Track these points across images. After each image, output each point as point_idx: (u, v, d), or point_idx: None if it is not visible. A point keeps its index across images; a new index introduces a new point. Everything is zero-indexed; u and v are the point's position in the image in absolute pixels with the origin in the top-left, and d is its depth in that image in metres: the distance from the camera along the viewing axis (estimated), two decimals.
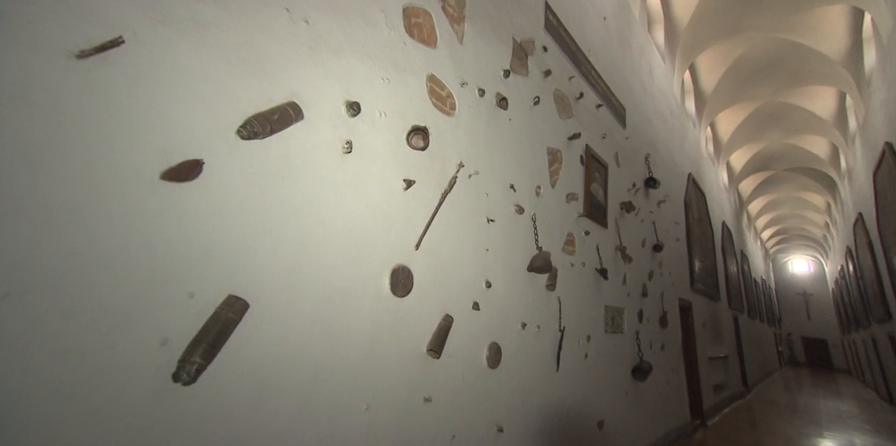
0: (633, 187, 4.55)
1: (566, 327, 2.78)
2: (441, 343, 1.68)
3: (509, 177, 2.47)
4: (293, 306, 1.24)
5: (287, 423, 1.18)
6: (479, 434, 1.85)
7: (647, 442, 3.76)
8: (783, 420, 6.39)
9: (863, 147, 7.17)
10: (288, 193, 1.29)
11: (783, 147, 10.94)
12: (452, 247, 1.93)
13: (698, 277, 6.33)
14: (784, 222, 17.86)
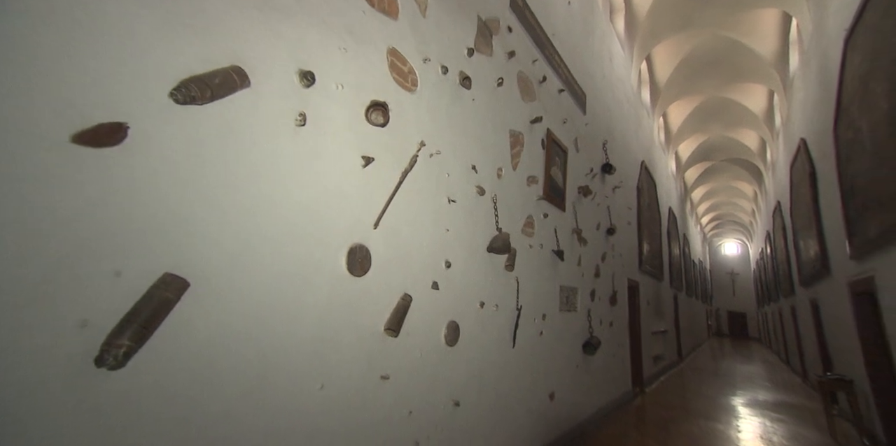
0: (591, 172, 4.71)
1: (523, 306, 2.88)
2: (399, 322, 1.68)
3: (471, 158, 2.47)
4: (241, 285, 1.18)
5: (235, 404, 1.13)
6: (436, 409, 1.90)
7: (593, 410, 4.06)
8: (707, 383, 7.22)
9: (784, 142, 7.89)
10: (235, 166, 1.20)
11: (723, 139, 11.78)
12: (412, 227, 1.91)
13: (646, 259, 6.78)
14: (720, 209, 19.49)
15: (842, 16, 3.95)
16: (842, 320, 4.76)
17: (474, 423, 2.18)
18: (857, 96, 3.59)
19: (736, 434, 4.23)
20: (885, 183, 3.06)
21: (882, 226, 3.13)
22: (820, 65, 4.90)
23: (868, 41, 3.31)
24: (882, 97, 3.06)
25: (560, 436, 3.24)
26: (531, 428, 2.83)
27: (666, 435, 3.98)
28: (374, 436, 1.55)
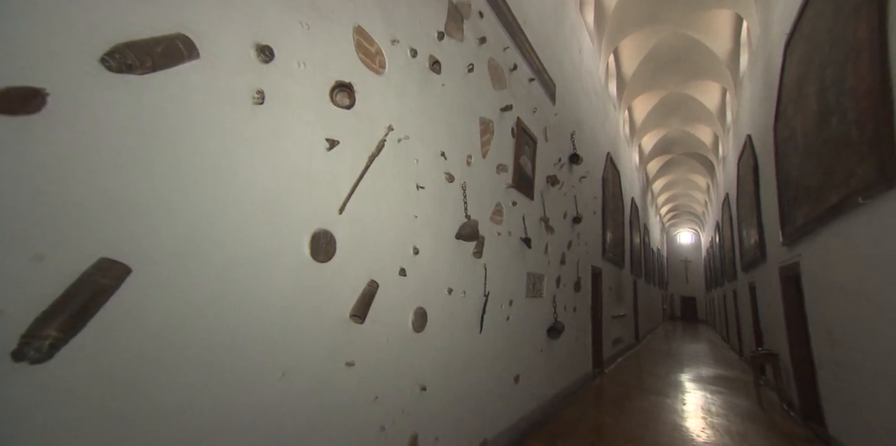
0: (559, 162, 4.82)
1: (490, 292, 2.94)
2: (365, 308, 1.66)
3: (440, 145, 2.44)
4: (194, 271, 1.11)
5: (187, 396, 1.08)
6: (403, 393, 1.92)
7: (555, 392, 4.26)
8: (659, 362, 7.77)
9: (733, 137, 8.40)
10: (183, 144, 1.12)
11: (681, 133, 12.38)
12: (380, 213, 1.88)
13: (609, 247, 7.09)
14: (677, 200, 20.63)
15: (784, 21, 4.20)
16: (772, 301, 5.23)
17: (440, 407, 2.23)
18: (793, 97, 3.86)
19: (681, 406, 4.59)
20: (812, 177, 3.34)
21: (807, 217, 3.44)
22: (765, 66, 5.21)
23: (803, 47, 3.55)
24: (812, 99, 3.31)
25: (524, 417, 3.38)
26: (496, 410, 2.93)
27: (620, 411, 4.25)
28: (339, 423, 1.55)
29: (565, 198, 4.98)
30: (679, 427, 3.85)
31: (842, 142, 2.72)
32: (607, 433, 3.55)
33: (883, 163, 2.15)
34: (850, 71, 2.59)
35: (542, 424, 3.65)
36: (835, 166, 2.84)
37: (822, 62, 3.06)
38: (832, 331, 3.17)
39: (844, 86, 2.67)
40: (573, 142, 5.41)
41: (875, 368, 2.51)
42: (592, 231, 6.22)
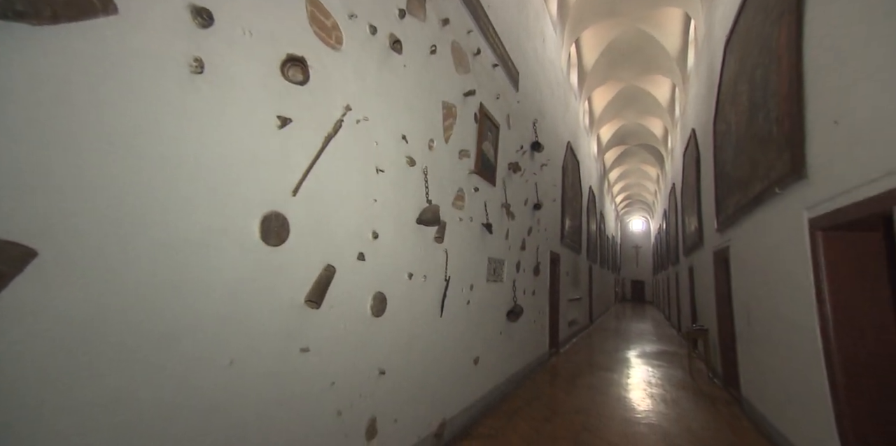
0: (521, 149, 4.90)
1: (452, 277, 2.98)
2: (321, 293, 1.62)
3: (402, 128, 2.39)
4: (119, 256, 1.02)
5: (113, 392, 1.00)
6: (361, 378, 1.92)
7: (513, 372, 4.45)
8: (609, 341, 8.35)
9: (681, 131, 8.97)
10: (101, 113, 1.00)
11: (636, 126, 13.00)
12: (337, 196, 1.82)
13: (567, 233, 7.39)
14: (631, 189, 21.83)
15: (725, 23, 4.47)
16: (707, 283, 5.75)
17: (400, 390, 2.25)
18: (730, 95, 4.16)
19: (626, 380, 4.98)
20: (742, 169, 3.65)
21: (737, 205, 3.77)
22: (708, 64, 5.55)
23: (738, 48, 3.82)
24: (744, 97, 3.59)
25: (482, 396, 3.51)
26: (456, 392, 3.02)
27: (572, 387, 4.54)
28: (293, 409, 1.52)
29: (527, 186, 5.09)
30: (623, 398, 4.18)
31: (766, 137, 2.97)
32: (559, 407, 3.79)
33: (794, 158, 2.39)
34: (773, 73, 2.82)
35: (500, 402, 3.82)
36: (760, 159, 3.11)
37: (753, 63, 3.30)
38: (750, 308, 3.54)
39: (769, 86, 2.90)
40: (535, 130, 5.51)
41: (777, 340, 2.85)
42: (552, 218, 6.43)
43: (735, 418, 3.67)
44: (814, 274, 2.20)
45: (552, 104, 6.61)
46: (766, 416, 3.24)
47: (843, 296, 2.06)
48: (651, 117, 11.99)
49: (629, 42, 8.54)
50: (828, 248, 2.13)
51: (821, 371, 2.16)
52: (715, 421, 3.56)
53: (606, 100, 11.16)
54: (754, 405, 3.54)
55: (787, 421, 2.79)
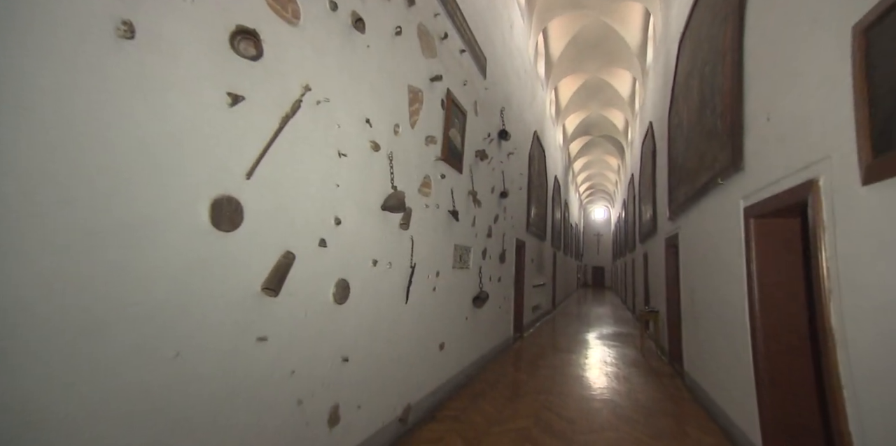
0: (488, 137, 4.92)
1: (417, 264, 2.98)
2: (280, 280, 1.57)
3: (365, 111, 2.32)
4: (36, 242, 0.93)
5: (34, 390, 0.92)
6: (323, 366, 1.90)
7: (478, 356, 4.57)
8: (570, 324, 8.77)
9: (639, 123, 9.37)
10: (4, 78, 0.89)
11: (599, 117, 13.41)
12: (296, 180, 1.75)
13: (533, 221, 7.58)
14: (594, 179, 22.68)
15: (680, 20, 4.66)
16: (658, 268, 6.14)
17: (363, 376, 2.25)
18: (683, 89, 4.38)
19: (584, 360, 5.27)
20: (691, 161, 3.89)
21: (686, 195, 4.02)
22: (665, 60, 5.78)
23: (691, 45, 4.01)
24: (695, 92, 3.79)
25: (448, 381, 3.59)
26: (421, 376, 3.07)
27: (535, 369, 4.74)
28: (248, 400, 1.48)
29: (493, 174, 5.14)
30: (581, 377, 4.43)
31: (712, 131, 3.17)
32: (522, 387, 3.95)
33: (734, 151, 2.57)
34: (719, 70, 2.99)
35: (465, 386, 3.92)
36: (706, 152, 3.32)
37: (703, 60, 3.48)
38: (694, 290, 3.83)
39: (715, 83, 3.08)
40: (503, 118, 5.54)
41: (714, 317, 3.11)
42: (518, 206, 6.56)
43: (677, 390, 4.01)
44: (745, 256, 2.41)
45: (520, 93, 6.65)
46: (702, 386, 3.56)
47: (767, 276, 2.27)
48: (613, 109, 12.40)
49: (594, 34, 8.71)
50: (757, 234, 2.33)
51: (746, 342, 2.40)
52: (660, 394, 3.86)
53: (572, 90, 11.39)
54: (694, 377, 3.87)
55: (718, 388, 3.08)
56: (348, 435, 2.09)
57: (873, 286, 1.37)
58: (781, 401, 2.15)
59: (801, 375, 2.13)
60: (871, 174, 1.34)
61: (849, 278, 1.49)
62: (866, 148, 1.34)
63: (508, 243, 5.94)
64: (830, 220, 1.59)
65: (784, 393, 2.15)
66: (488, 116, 4.93)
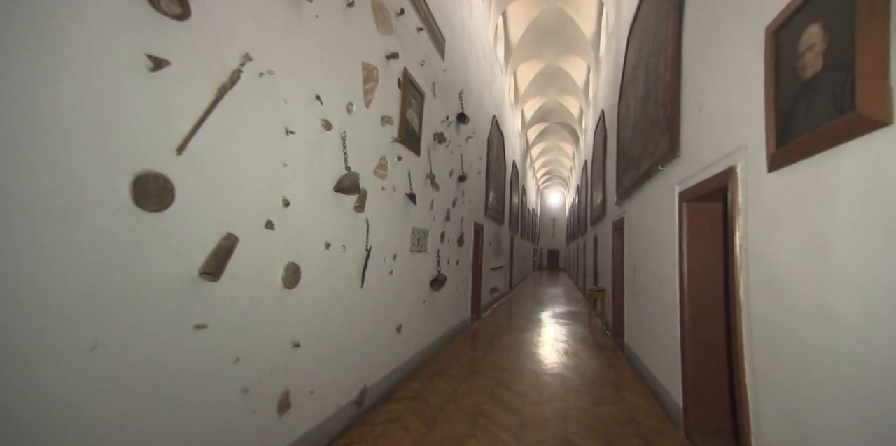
0: (447, 120, 4.87)
1: (373, 247, 2.94)
2: (220, 264, 1.48)
3: (315, 87, 2.19)
4: None
5: None
6: (272, 352, 1.84)
7: (436, 337, 4.66)
8: (526, 305, 9.18)
9: (593, 111, 9.74)
10: None
11: (556, 104, 13.74)
12: (238, 157, 1.63)
13: (491, 205, 7.71)
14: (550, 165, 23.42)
15: (629, 11, 4.83)
16: (606, 249, 6.55)
17: (316, 361, 2.22)
18: (630, 80, 4.59)
19: (538, 338, 5.57)
20: (636, 148, 4.12)
21: (632, 180, 4.28)
22: (616, 50, 6.00)
23: (638, 37, 4.18)
24: (641, 82, 3.99)
25: (405, 362, 3.64)
26: (377, 359, 3.08)
27: (491, 348, 4.93)
28: (188, 390, 1.40)
29: (452, 157, 5.13)
30: (533, 353, 4.68)
31: (654, 120, 3.36)
32: (478, 366, 4.11)
33: (672, 139, 2.75)
34: (661, 62, 3.16)
35: (422, 366, 4.00)
36: (649, 140, 3.53)
37: (648, 52, 3.65)
38: (636, 269, 4.14)
39: (658, 74, 3.25)
40: (461, 101, 5.50)
41: (652, 294, 3.40)
42: (476, 190, 6.63)
43: (619, 361, 4.37)
44: (678, 237, 2.63)
45: (479, 76, 6.61)
46: (639, 356, 3.91)
47: (695, 254, 2.51)
48: (569, 97, 12.73)
49: (552, 21, 8.79)
50: (689, 216, 2.54)
51: (676, 314, 2.65)
52: (603, 365, 4.19)
53: (530, 76, 11.52)
54: (632, 348, 4.24)
55: (652, 357, 3.40)
56: (300, 421, 2.06)
57: (770, 261, 1.55)
58: (700, 364, 2.42)
59: (717, 341, 2.40)
60: (774, 163, 1.50)
61: (755, 255, 1.67)
62: (772, 139, 1.49)
63: (467, 227, 6.02)
64: (744, 204, 1.77)
65: (702, 357, 2.42)
66: (447, 99, 4.87)
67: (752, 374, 1.66)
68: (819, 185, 1.29)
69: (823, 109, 1.21)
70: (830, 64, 1.19)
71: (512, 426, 2.66)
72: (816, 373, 1.28)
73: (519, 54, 9.74)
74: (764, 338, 1.59)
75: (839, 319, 1.19)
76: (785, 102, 1.42)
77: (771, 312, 1.54)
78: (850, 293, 1.15)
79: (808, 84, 1.30)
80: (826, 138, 1.21)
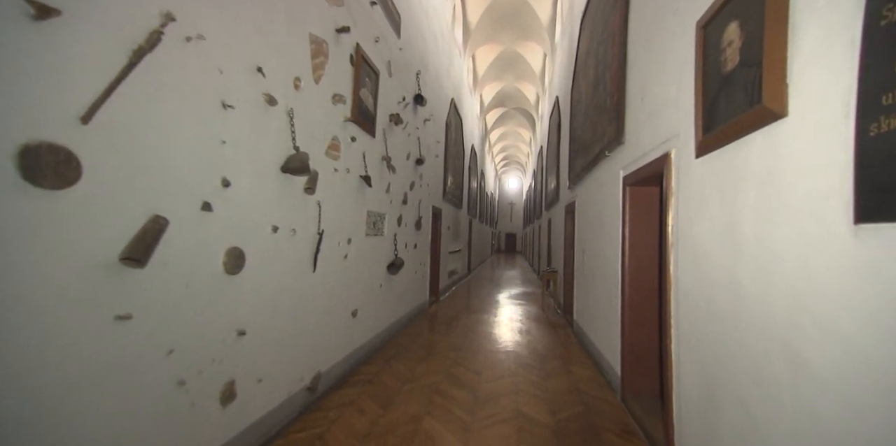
0: (403, 101, 4.73)
1: (326, 231, 2.84)
2: (147, 249, 1.34)
3: (256, 58, 2.02)
4: None
5: None
6: (213, 341, 1.73)
7: (393, 321, 4.67)
8: (484, 287, 9.44)
9: (548, 98, 9.95)
10: None
11: (514, 89, 13.85)
12: (164, 131, 1.47)
13: (449, 189, 7.72)
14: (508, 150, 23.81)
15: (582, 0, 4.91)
16: (559, 232, 6.85)
17: (264, 349, 2.14)
18: (582, 67, 4.72)
19: (494, 318, 5.76)
20: (587, 134, 4.29)
21: (583, 165, 4.46)
22: (569, 37, 6.11)
23: (590, 25, 4.29)
24: (591, 70, 4.12)
25: (361, 346, 3.62)
26: (332, 344, 3.03)
27: (449, 329, 5.04)
28: (113, 386, 1.29)
29: (409, 140, 5.02)
30: (489, 333, 4.85)
31: (603, 107, 3.50)
32: (435, 347, 4.19)
33: (618, 126, 2.89)
34: (609, 51, 3.26)
35: (380, 350, 4.01)
36: (598, 126, 3.67)
37: (598, 40, 3.75)
38: (585, 250, 4.38)
39: (606, 62, 3.36)
40: (419, 82, 5.35)
41: (598, 273, 3.63)
42: (434, 173, 6.59)
43: (567, 337, 4.65)
44: (621, 219, 2.79)
45: (436, 57, 6.46)
46: (585, 332, 4.19)
47: (635, 235, 2.68)
48: (526, 82, 12.87)
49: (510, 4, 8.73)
50: (631, 199, 2.70)
51: (618, 291, 2.85)
52: (553, 342, 4.44)
53: (489, 61, 11.46)
54: (580, 325, 4.53)
55: (596, 332, 3.66)
56: (248, 410, 1.99)
57: (695, 240, 1.70)
58: (636, 336, 2.64)
59: (651, 314, 2.62)
60: (700, 149, 1.62)
61: (683, 235, 1.82)
62: (700, 128, 1.60)
63: (425, 210, 6.00)
64: (676, 187, 1.90)
65: (638, 329, 2.63)
66: (403, 79, 4.71)
67: (677, 341, 1.84)
68: (733, 171, 1.42)
69: (738, 101, 1.32)
70: (745, 60, 1.29)
71: (467, 402, 2.76)
72: (722, 335, 1.44)
73: (477, 37, 9.62)
74: (687, 308, 1.75)
75: (742, 289, 1.34)
76: (711, 93, 1.52)
77: (694, 285, 1.69)
78: (751, 267, 1.29)
79: (727, 77, 1.39)
80: (739, 128, 1.32)
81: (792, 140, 1.12)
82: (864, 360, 0.87)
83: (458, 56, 8.45)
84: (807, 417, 1.02)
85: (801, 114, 1.09)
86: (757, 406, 1.25)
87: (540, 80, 11.58)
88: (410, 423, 2.42)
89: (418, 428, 2.37)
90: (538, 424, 2.45)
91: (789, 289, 1.11)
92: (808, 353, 1.03)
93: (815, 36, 1.05)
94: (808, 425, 1.02)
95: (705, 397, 1.57)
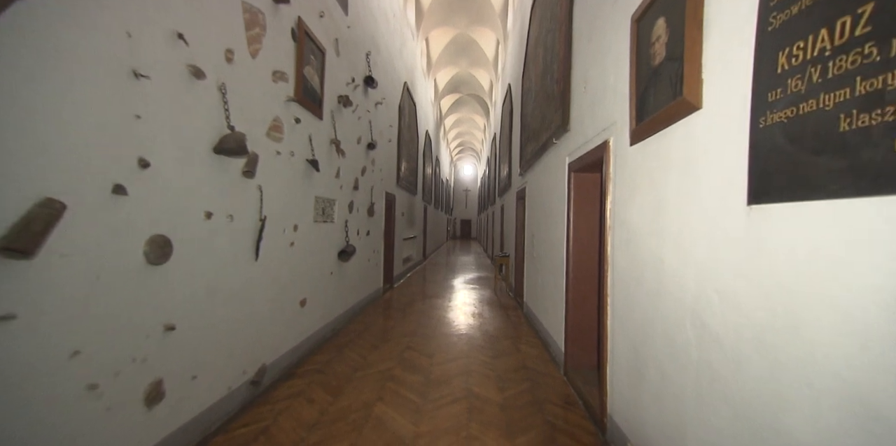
0: (353, 82, 4.52)
1: (269, 217, 2.67)
2: (35, 237, 1.17)
3: (175, 23, 1.79)
4: None
5: None
6: (134, 338, 1.58)
7: (346, 309, 4.58)
8: (439, 273, 9.55)
9: (501, 85, 10.05)
10: None
11: (468, 75, 13.79)
12: (55, 102, 1.27)
13: (403, 175, 7.60)
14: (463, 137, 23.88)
15: None
16: (511, 217, 7.06)
17: (199, 344, 2.00)
18: (532, 55, 4.80)
19: (448, 303, 5.86)
20: (536, 121, 4.40)
21: (532, 152, 4.59)
22: (521, 25, 6.16)
23: (540, 13, 4.35)
24: (540, 58, 4.20)
25: (311, 336, 3.52)
26: (278, 335, 2.91)
27: (403, 315, 5.04)
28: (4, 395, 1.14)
29: (360, 123, 4.84)
30: (443, 318, 4.93)
31: (551, 95, 3.59)
32: (389, 333, 4.18)
33: (564, 114, 2.98)
34: (556, 40, 3.33)
35: (331, 339, 3.93)
36: (546, 114, 3.77)
37: (547, 29, 3.82)
38: (534, 234, 4.55)
39: (554, 51, 3.44)
40: (369, 63, 5.13)
41: (546, 256, 3.80)
42: (387, 159, 6.43)
43: (518, 318, 4.86)
44: (567, 204, 2.92)
45: (388, 38, 6.22)
46: (534, 312, 4.39)
47: (579, 219, 2.82)
48: (480, 69, 12.85)
49: None
50: (575, 185, 2.83)
51: (562, 272, 3.00)
52: (504, 323, 4.62)
53: (442, 45, 11.26)
54: (530, 306, 4.74)
55: (544, 312, 3.86)
56: (179, 410, 1.86)
57: (628, 223, 1.82)
58: (578, 313, 2.81)
59: (592, 293, 2.80)
60: (634, 137, 1.72)
61: (618, 218, 1.94)
62: (633, 117, 1.69)
63: (378, 196, 5.87)
64: (614, 173, 2.01)
65: (580, 307, 2.80)
66: (352, 59, 4.49)
67: (612, 316, 1.98)
68: (660, 158, 1.52)
69: (665, 93, 1.40)
70: (670, 54, 1.37)
71: (419, 385, 2.80)
72: (648, 308, 1.57)
73: (430, 19, 9.38)
74: (621, 286, 1.88)
75: (665, 266, 1.46)
76: (643, 84, 1.60)
77: (627, 264, 1.82)
78: (672, 246, 1.41)
79: (656, 70, 1.47)
80: (666, 118, 1.41)
81: (705, 131, 1.22)
82: (748, 320, 1.03)
83: (410, 38, 8.20)
84: (706, 368, 1.20)
85: (712, 106, 1.18)
86: (669, 364, 1.41)
87: (493, 67, 11.61)
88: (361, 410, 2.41)
89: (369, 413, 2.37)
90: (488, 402, 2.55)
91: (699, 265, 1.23)
92: (709, 319, 1.18)
93: (720, 35, 1.13)
94: (707, 374, 1.20)
95: (633, 365, 1.72)
